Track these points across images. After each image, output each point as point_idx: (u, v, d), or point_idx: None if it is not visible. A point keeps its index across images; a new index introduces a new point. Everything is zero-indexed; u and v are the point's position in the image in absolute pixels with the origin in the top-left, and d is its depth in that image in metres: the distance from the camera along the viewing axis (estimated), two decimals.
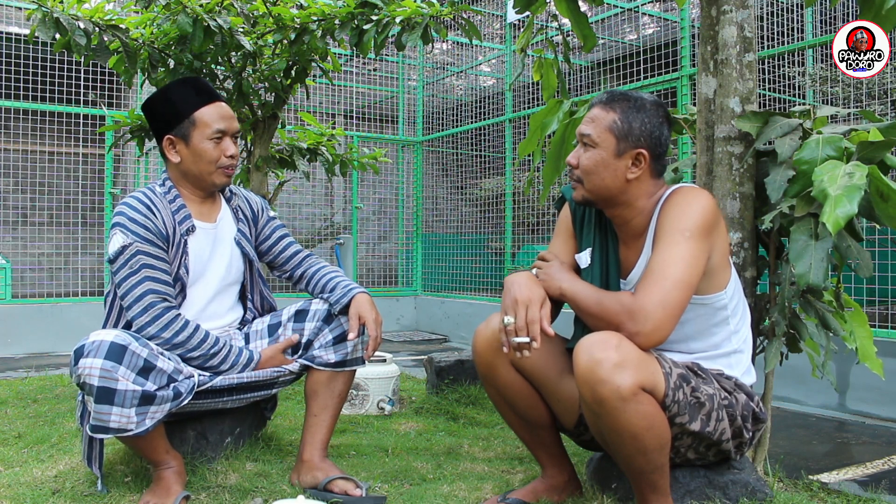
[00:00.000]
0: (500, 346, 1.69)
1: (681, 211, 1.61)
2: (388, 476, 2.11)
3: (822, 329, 1.92)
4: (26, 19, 2.74)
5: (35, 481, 1.99)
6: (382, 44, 3.00)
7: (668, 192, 1.71)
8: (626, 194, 1.70)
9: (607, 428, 1.54)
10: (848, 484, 2.30)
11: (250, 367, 1.98)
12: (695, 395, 1.59)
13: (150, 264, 1.89)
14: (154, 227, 1.92)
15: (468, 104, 8.55)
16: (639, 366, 1.50)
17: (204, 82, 2.07)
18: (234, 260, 2.12)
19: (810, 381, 3.54)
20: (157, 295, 1.87)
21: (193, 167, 2.01)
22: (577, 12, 2.38)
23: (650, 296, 1.53)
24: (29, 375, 4.09)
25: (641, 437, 1.52)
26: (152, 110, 2.04)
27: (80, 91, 6.53)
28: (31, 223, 7.06)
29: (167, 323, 1.86)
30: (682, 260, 1.55)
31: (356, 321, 1.99)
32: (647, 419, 1.51)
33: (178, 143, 2.01)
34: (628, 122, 1.66)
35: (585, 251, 1.82)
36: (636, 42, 7.14)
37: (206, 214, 2.08)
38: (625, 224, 1.75)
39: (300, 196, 7.64)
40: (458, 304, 6.74)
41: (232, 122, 2.03)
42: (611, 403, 1.49)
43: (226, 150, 2.01)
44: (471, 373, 3.26)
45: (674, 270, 1.54)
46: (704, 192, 1.68)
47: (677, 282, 1.53)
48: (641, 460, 1.56)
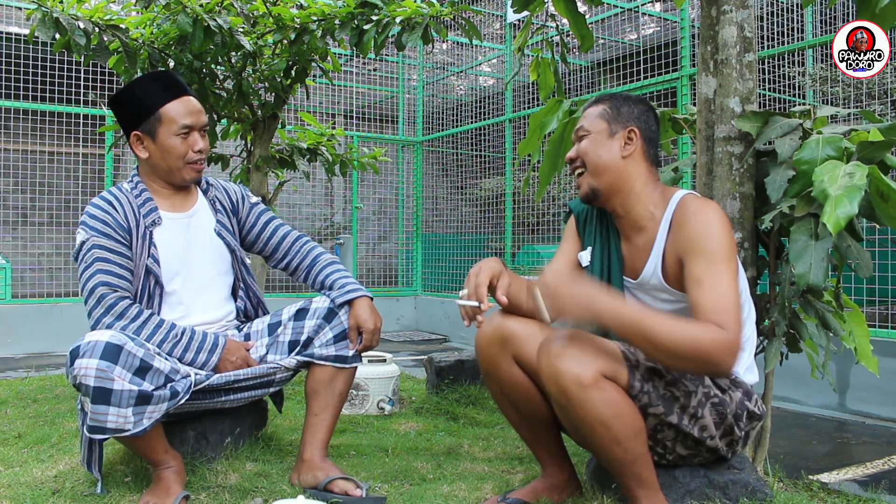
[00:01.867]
0: (503, 343, 1.77)
1: (709, 232, 1.62)
2: (388, 476, 2.11)
3: (821, 329, 1.92)
4: (26, 19, 2.74)
5: (35, 481, 1.98)
6: (382, 44, 3.00)
7: (677, 199, 1.74)
8: (623, 175, 1.77)
9: (577, 419, 1.58)
10: (848, 484, 2.30)
11: (217, 352, 1.96)
12: (668, 389, 1.62)
13: (104, 258, 1.90)
14: (114, 220, 1.93)
15: (468, 104, 8.55)
16: (597, 354, 1.56)
17: (172, 76, 2.06)
18: (218, 252, 2.11)
19: (810, 381, 3.54)
20: (108, 287, 1.88)
21: (162, 163, 2.02)
22: (575, 12, 2.38)
23: (733, 324, 1.52)
24: (29, 375, 4.09)
25: (611, 425, 1.55)
26: (119, 106, 2.04)
27: (80, 91, 6.53)
28: (31, 223, 7.05)
29: (120, 312, 1.86)
30: (732, 285, 1.58)
31: (355, 333, 2.01)
32: (612, 406, 1.55)
33: (146, 140, 2.01)
34: (616, 108, 1.80)
35: (587, 250, 1.89)
36: (636, 42, 7.14)
37: (177, 206, 2.08)
38: (626, 215, 1.79)
39: (300, 196, 7.65)
40: (458, 304, 6.73)
41: (199, 117, 2.02)
42: (574, 392, 1.54)
43: (193, 144, 2.01)
44: (471, 373, 3.26)
45: (732, 295, 1.57)
46: (715, 204, 1.71)
47: (736, 307, 1.56)
48: (618, 450, 1.59)
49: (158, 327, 1.89)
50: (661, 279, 1.72)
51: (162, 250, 2.00)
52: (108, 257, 1.90)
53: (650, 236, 1.76)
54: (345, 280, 2.10)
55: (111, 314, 1.85)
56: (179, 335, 1.92)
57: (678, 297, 1.72)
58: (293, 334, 2.07)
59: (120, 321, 1.85)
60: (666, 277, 1.72)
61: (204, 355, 1.95)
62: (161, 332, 1.89)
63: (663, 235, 1.73)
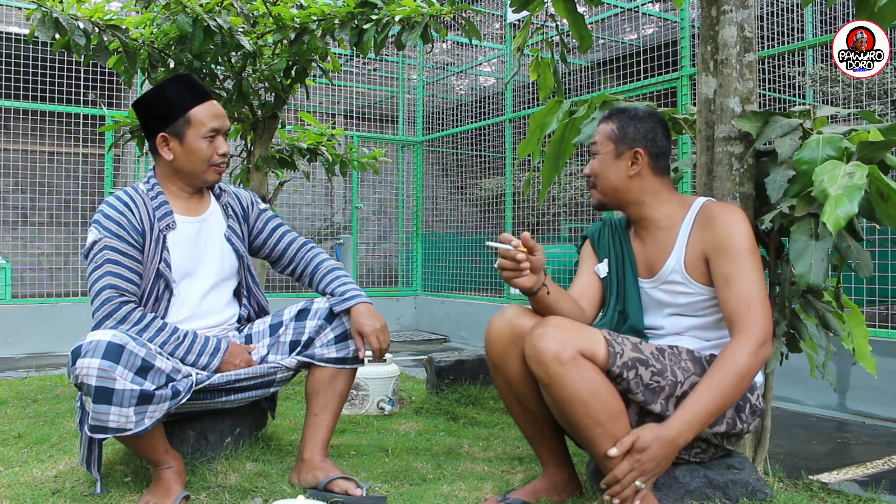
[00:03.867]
0: (515, 338, 1.79)
1: (735, 231, 1.76)
2: (388, 476, 2.11)
3: (822, 329, 1.92)
4: (26, 19, 2.73)
5: (35, 481, 1.98)
6: (382, 43, 3.00)
7: (700, 203, 1.86)
8: (632, 191, 1.89)
9: (558, 398, 1.62)
10: (848, 484, 2.30)
11: (220, 355, 1.96)
12: (654, 380, 1.66)
13: (115, 260, 1.90)
14: (128, 222, 1.94)
15: (468, 104, 8.55)
16: (577, 335, 1.62)
17: (197, 81, 2.09)
18: (226, 256, 2.12)
19: (810, 381, 3.54)
20: (115, 290, 1.87)
21: (186, 164, 2.03)
22: (574, 12, 2.38)
23: (758, 319, 1.68)
24: (29, 375, 4.09)
25: (589, 404, 1.59)
26: (147, 107, 2.05)
27: (80, 91, 6.53)
28: (31, 223, 7.06)
29: (123, 317, 1.86)
30: (756, 278, 1.73)
31: (360, 340, 2.01)
32: (589, 384, 1.59)
33: (172, 141, 2.02)
34: (623, 129, 1.89)
35: (603, 262, 2.00)
36: (636, 42, 7.15)
37: (192, 209, 2.09)
38: (642, 219, 1.91)
39: (300, 196, 7.65)
40: (458, 304, 6.74)
41: (224, 121, 2.06)
42: (552, 369, 1.59)
43: (218, 148, 2.04)
44: (471, 373, 3.26)
45: (758, 288, 1.72)
46: (737, 207, 1.85)
47: (762, 299, 1.71)
48: (599, 432, 1.61)
49: (160, 331, 1.90)
50: (683, 271, 1.82)
51: (174, 254, 2.01)
52: (119, 259, 1.90)
53: (672, 234, 1.86)
54: (344, 288, 2.10)
55: (113, 318, 1.86)
56: (182, 338, 1.92)
57: (696, 290, 1.81)
58: (294, 334, 2.08)
59: (121, 326, 1.85)
60: (687, 270, 1.82)
61: (206, 358, 1.95)
62: (163, 336, 1.89)
63: (686, 233, 1.83)
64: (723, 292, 1.73)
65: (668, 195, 1.89)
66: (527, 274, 1.72)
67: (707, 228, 1.79)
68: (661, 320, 1.88)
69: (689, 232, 1.83)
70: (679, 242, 1.84)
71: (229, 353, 1.99)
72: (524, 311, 1.84)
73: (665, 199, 1.89)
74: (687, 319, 1.85)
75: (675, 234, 1.85)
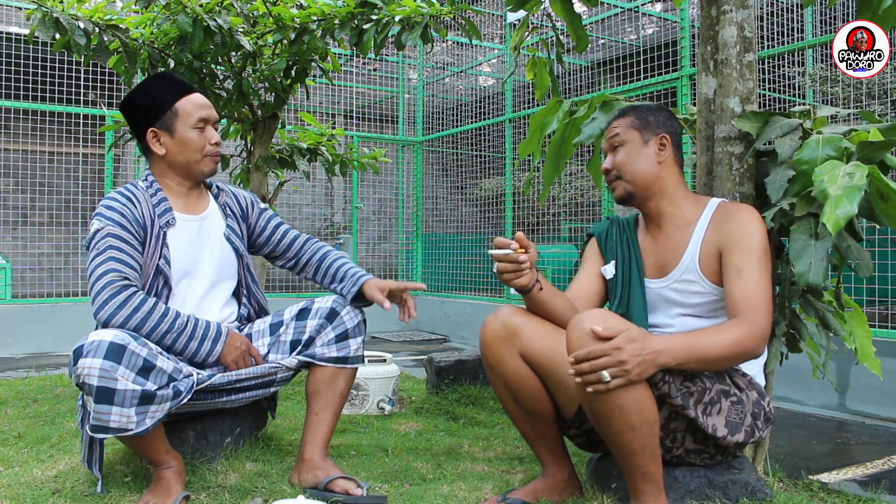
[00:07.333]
0: (510, 337, 1.78)
1: (751, 229, 1.76)
2: (388, 476, 2.11)
3: (822, 329, 1.92)
4: (26, 19, 2.74)
5: (35, 481, 1.98)
6: (382, 43, 3.00)
7: (716, 202, 1.86)
8: (660, 179, 1.87)
9: (596, 400, 1.58)
10: (848, 484, 2.30)
11: (221, 341, 1.95)
12: (685, 385, 1.64)
13: (117, 246, 1.88)
14: (131, 214, 1.94)
15: (468, 104, 8.55)
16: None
17: (177, 76, 2.11)
18: (226, 255, 2.12)
19: (810, 381, 3.55)
20: (117, 274, 1.84)
21: (180, 157, 2.03)
22: (571, 13, 2.38)
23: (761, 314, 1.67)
24: (29, 375, 4.09)
25: (628, 410, 1.56)
26: (133, 106, 2.06)
27: (80, 91, 6.53)
28: (31, 223, 7.06)
29: (124, 300, 1.81)
30: (765, 277, 1.73)
31: (380, 294, 2.05)
32: (632, 391, 1.55)
33: (163, 135, 2.03)
34: (644, 118, 1.90)
35: (610, 263, 1.98)
36: (636, 42, 7.15)
37: (191, 207, 2.09)
38: (661, 215, 1.90)
39: (300, 196, 7.65)
40: (458, 304, 6.74)
41: (211, 111, 2.07)
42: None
43: (210, 138, 2.05)
44: (471, 373, 3.26)
45: (766, 287, 1.71)
46: (752, 207, 1.84)
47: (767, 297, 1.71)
48: (630, 436, 1.59)
49: (164, 316, 1.86)
50: (697, 269, 1.81)
51: (173, 251, 2.00)
52: (122, 247, 1.89)
53: (687, 232, 1.85)
54: (354, 269, 2.16)
55: (115, 301, 1.81)
56: (184, 324, 1.90)
57: (709, 290, 1.80)
58: (295, 334, 2.08)
59: (122, 309, 1.81)
60: (701, 268, 1.81)
61: (208, 344, 1.93)
62: (166, 322, 1.86)
63: (702, 231, 1.83)
64: (731, 282, 1.72)
65: (685, 191, 1.90)
66: (527, 272, 1.72)
67: (724, 224, 1.79)
68: (671, 319, 1.87)
69: (704, 230, 1.83)
70: (694, 240, 1.83)
71: (230, 339, 1.98)
72: (518, 310, 1.84)
73: (683, 195, 1.89)
74: (699, 321, 1.83)
75: (690, 232, 1.85)
